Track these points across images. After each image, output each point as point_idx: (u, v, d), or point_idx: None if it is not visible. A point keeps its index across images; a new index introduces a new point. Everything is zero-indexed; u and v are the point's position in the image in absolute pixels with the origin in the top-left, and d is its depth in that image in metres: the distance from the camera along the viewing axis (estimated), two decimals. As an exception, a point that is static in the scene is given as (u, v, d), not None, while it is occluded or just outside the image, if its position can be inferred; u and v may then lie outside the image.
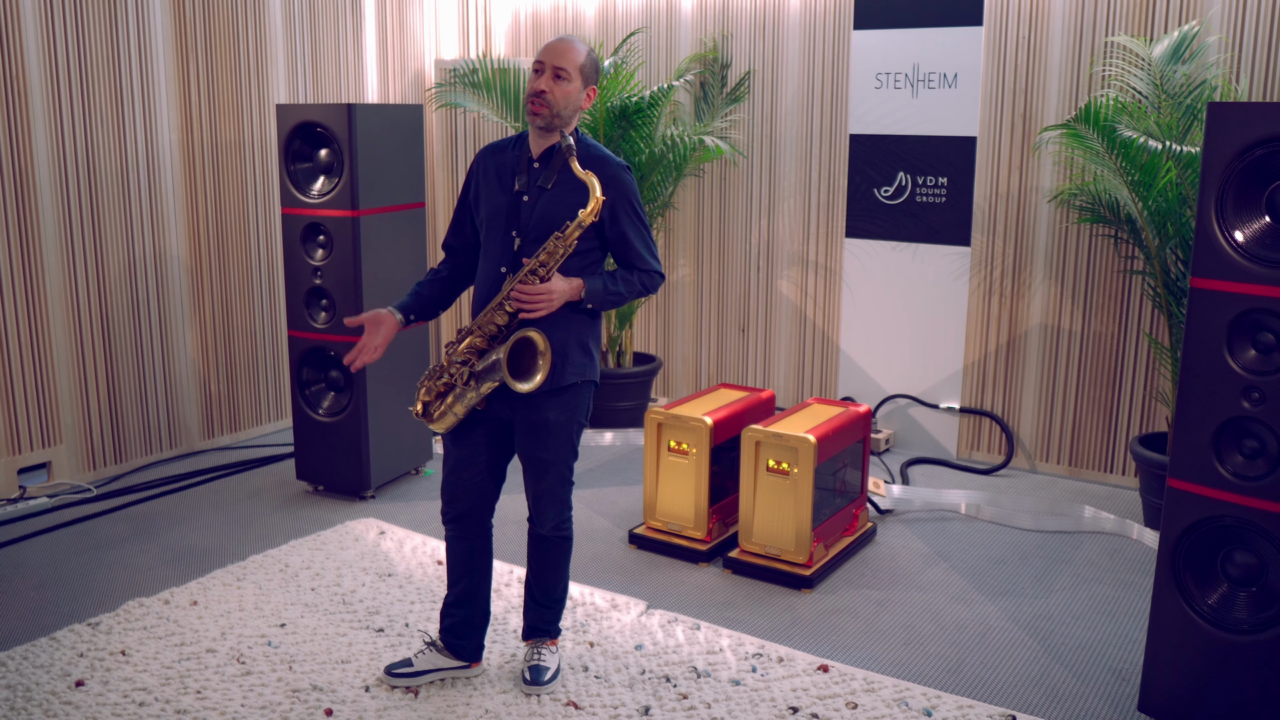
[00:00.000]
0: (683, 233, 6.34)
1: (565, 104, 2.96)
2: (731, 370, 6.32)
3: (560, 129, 3.00)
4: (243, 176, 5.64)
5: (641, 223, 3.09)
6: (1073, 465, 5.28)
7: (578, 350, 3.08)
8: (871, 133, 5.56)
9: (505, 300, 2.97)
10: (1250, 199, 2.82)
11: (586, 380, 3.13)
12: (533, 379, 2.97)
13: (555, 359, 3.02)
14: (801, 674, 3.36)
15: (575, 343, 3.08)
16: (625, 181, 3.04)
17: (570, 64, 2.95)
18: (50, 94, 4.78)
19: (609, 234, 3.06)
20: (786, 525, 4.01)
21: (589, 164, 2.99)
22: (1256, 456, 2.83)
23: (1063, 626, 3.73)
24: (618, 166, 3.04)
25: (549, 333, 2.99)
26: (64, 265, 4.89)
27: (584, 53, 3.00)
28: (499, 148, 3.15)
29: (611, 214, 3.03)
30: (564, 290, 2.96)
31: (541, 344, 2.96)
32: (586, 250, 3.05)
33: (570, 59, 2.96)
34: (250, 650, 3.51)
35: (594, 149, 3.06)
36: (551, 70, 2.95)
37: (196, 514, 4.72)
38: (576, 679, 3.33)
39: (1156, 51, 4.61)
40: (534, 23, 6.72)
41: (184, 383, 5.48)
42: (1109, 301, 5.07)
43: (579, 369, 3.09)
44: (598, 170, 2.99)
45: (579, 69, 2.97)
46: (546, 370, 2.98)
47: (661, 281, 3.17)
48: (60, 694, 3.23)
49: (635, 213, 3.07)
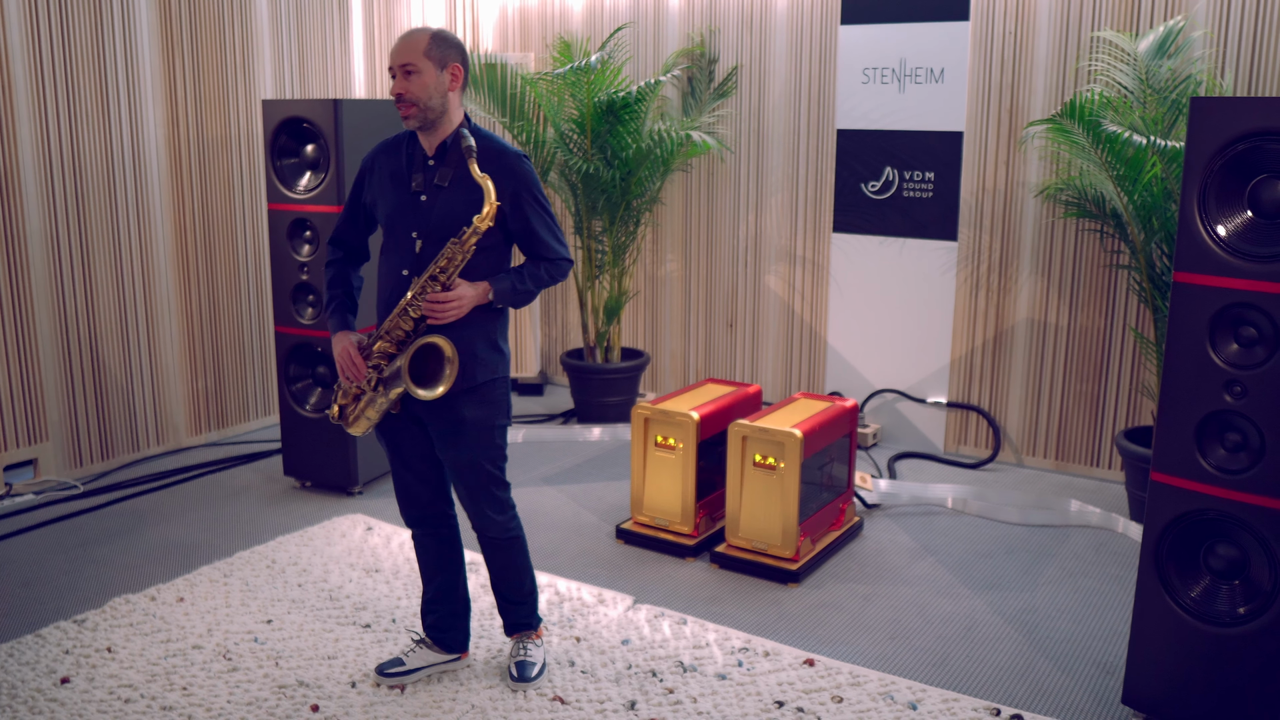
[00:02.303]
0: (670, 228, 6.34)
1: (427, 96, 2.89)
2: (719, 365, 6.32)
3: (436, 121, 2.94)
4: (229, 172, 5.62)
5: (544, 210, 3.03)
6: (1059, 459, 5.30)
7: (486, 348, 3.04)
8: (859, 128, 5.56)
9: (409, 306, 2.92)
10: (1233, 193, 2.83)
11: (499, 377, 3.09)
12: (437, 386, 2.93)
13: (464, 359, 2.97)
14: (787, 668, 3.37)
15: (483, 341, 3.03)
16: (525, 171, 2.99)
17: (413, 56, 2.88)
18: (35, 90, 4.76)
19: (513, 226, 3.01)
20: (773, 520, 4.02)
21: (486, 157, 2.95)
22: (1239, 450, 2.84)
23: (1048, 620, 3.75)
24: (515, 157, 2.99)
25: (456, 333, 2.96)
26: (49, 261, 4.88)
27: (426, 38, 2.91)
28: (392, 145, 3.09)
29: (514, 205, 2.98)
30: (472, 295, 2.93)
31: (448, 350, 2.92)
32: (491, 246, 3.00)
33: (412, 51, 2.89)
34: (237, 646, 3.51)
35: (491, 141, 3.00)
36: (400, 70, 2.90)
37: (183, 510, 4.71)
38: (563, 674, 3.34)
39: (1142, 46, 4.62)
40: (521, 17, 6.71)
41: (170, 379, 5.47)
42: (1095, 296, 5.09)
43: (489, 367, 3.05)
44: (496, 162, 2.95)
45: (424, 56, 2.89)
46: (453, 376, 2.93)
47: (570, 267, 3.12)
48: (46, 691, 3.23)
49: (537, 201, 3.01)
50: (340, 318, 3.14)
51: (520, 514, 4.61)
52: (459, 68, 2.95)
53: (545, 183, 5.97)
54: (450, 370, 2.92)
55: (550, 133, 5.82)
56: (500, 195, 2.93)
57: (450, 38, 2.96)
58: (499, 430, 3.11)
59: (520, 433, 5.77)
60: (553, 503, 4.84)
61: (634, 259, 6.15)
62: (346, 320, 3.14)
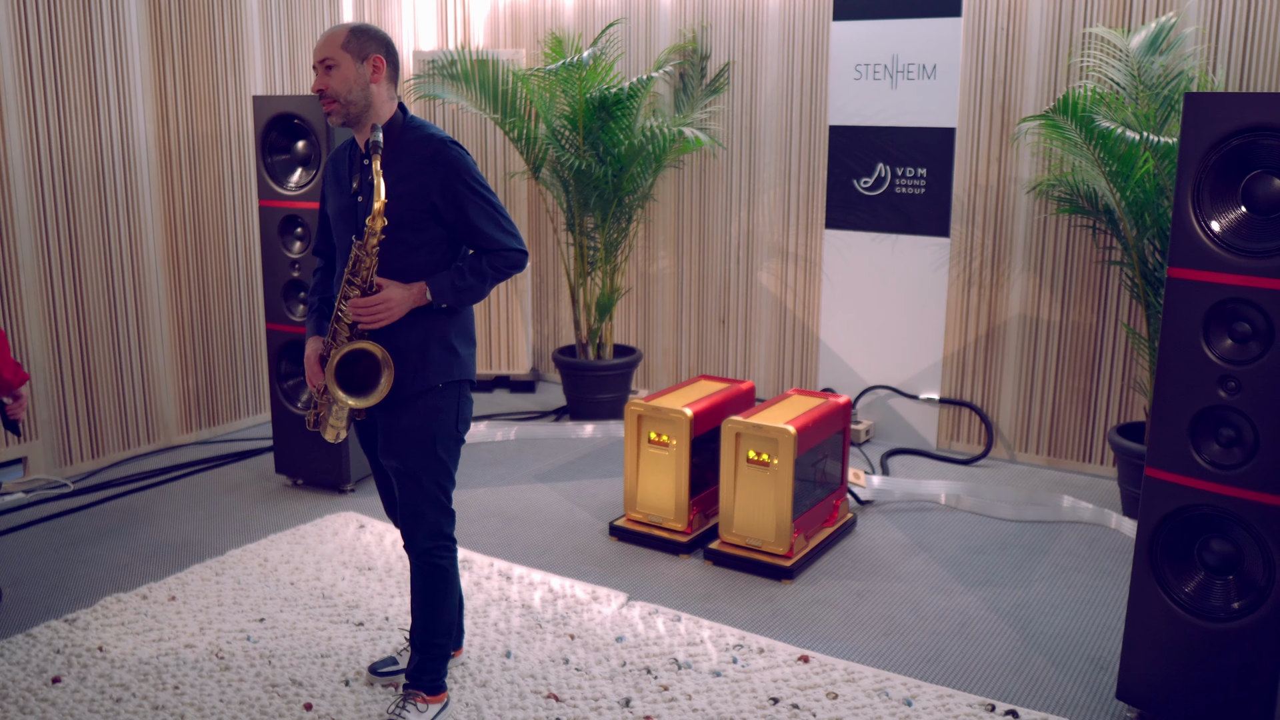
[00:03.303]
0: (662, 224, 6.33)
1: (347, 89, 2.79)
2: (712, 362, 6.31)
3: (360, 116, 2.83)
4: (219, 169, 5.60)
5: (483, 198, 2.85)
6: (1051, 455, 5.31)
7: (439, 349, 2.88)
8: (851, 124, 5.56)
9: (339, 312, 2.83)
10: (1227, 189, 2.83)
11: (454, 381, 2.92)
12: (371, 393, 2.81)
13: (414, 361, 2.85)
14: (782, 665, 3.36)
15: (436, 341, 2.88)
16: (453, 157, 2.82)
17: (331, 50, 2.79)
18: (24, 88, 4.73)
19: (448, 218, 2.84)
20: (767, 516, 4.02)
21: (412, 147, 2.84)
22: (1233, 445, 2.84)
23: (1041, 615, 3.75)
24: (442, 143, 2.84)
25: (400, 335, 2.84)
26: (39, 259, 4.85)
27: (344, 32, 2.81)
28: (341, 148, 3.01)
29: (445, 195, 2.82)
30: (403, 297, 2.79)
31: (378, 353, 2.79)
32: (426, 242, 2.86)
33: (329, 46, 2.80)
34: (229, 645, 3.49)
35: (420, 130, 2.88)
36: (320, 66, 2.81)
37: (175, 509, 4.69)
38: (557, 671, 3.33)
39: (1134, 43, 4.62)
40: (512, 13, 6.69)
41: (161, 377, 5.44)
42: (1087, 292, 5.09)
43: (442, 369, 2.89)
44: (421, 151, 2.83)
45: (342, 49, 2.79)
46: (389, 381, 2.80)
47: (523, 258, 2.92)
48: (36, 691, 3.21)
49: (472, 189, 2.83)
50: (314, 323, 3.05)
51: (514, 512, 4.64)
52: (380, 59, 2.83)
53: (537, 179, 5.95)
54: (386, 375, 2.80)
55: (542, 129, 5.80)
56: (429, 186, 2.80)
57: (372, 30, 2.86)
58: (443, 443, 2.92)
59: (513, 430, 5.76)
60: (546, 500, 4.83)
61: (626, 255, 6.14)
62: (320, 326, 3.04)
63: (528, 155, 5.88)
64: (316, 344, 2.98)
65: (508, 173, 6.48)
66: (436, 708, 3.05)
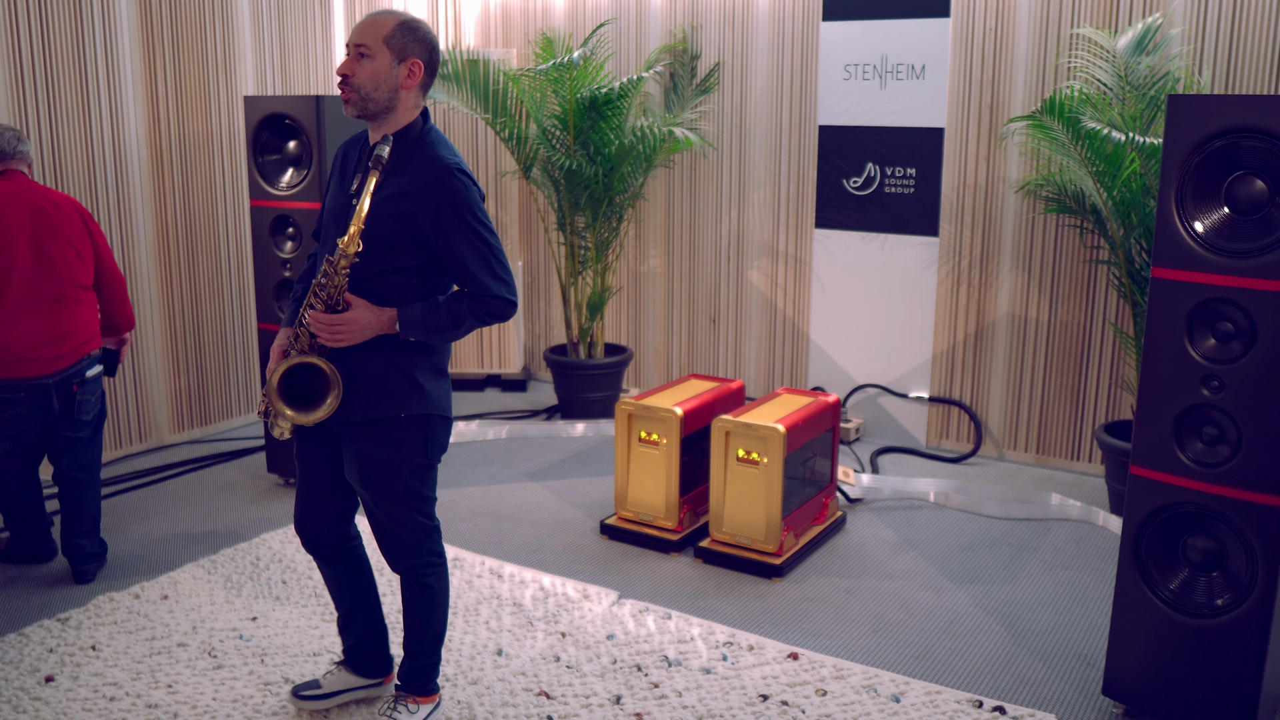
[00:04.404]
0: (653, 224, 6.35)
1: (373, 85, 2.57)
2: (702, 361, 6.34)
3: (378, 115, 2.63)
4: (210, 169, 5.60)
5: (478, 236, 2.62)
6: (1040, 453, 5.34)
7: (401, 380, 2.70)
8: (840, 124, 5.58)
9: (301, 320, 2.69)
10: (1210, 190, 2.86)
11: (417, 415, 2.73)
12: (316, 410, 2.68)
13: (370, 387, 2.69)
14: (772, 662, 3.39)
15: (398, 371, 2.69)
16: (454, 187, 2.60)
17: (373, 38, 2.56)
18: (15, 87, 4.73)
19: (437, 250, 2.63)
20: (757, 514, 4.04)
21: (414, 168, 2.63)
22: (1216, 443, 2.87)
23: (1029, 613, 3.78)
24: (445, 169, 2.61)
25: (362, 358, 2.68)
26: (30, 259, 4.85)
27: (393, 24, 2.58)
28: (354, 140, 2.82)
29: (436, 225, 2.60)
30: (370, 321, 2.62)
31: (327, 370, 2.65)
32: (402, 267, 2.66)
33: (373, 33, 2.57)
34: (222, 644, 3.51)
35: (430, 148, 2.66)
36: (354, 50, 2.57)
37: (167, 508, 4.70)
38: (549, 669, 3.35)
39: (1121, 43, 4.66)
40: (503, 13, 6.71)
41: (153, 376, 5.45)
42: (1075, 291, 5.13)
43: (401, 402, 2.70)
44: (422, 175, 2.61)
45: (384, 41, 2.56)
46: (336, 401, 2.66)
47: (509, 309, 2.69)
48: (30, 690, 3.22)
49: (468, 224, 2.61)
50: (291, 311, 2.87)
51: (506, 511, 4.66)
52: (419, 65, 2.62)
53: (528, 178, 5.97)
54: (333, 396, 2.66)
55: (533, 129, 5.82)
56: (421, 211, 2.60)
57: (422, 30, 2.64)
58: (410, 471, 2.77)
59: (505, 428, 5.77)
60: (537, 498, 4.85)
61: (617, 255, 6.16)
62: (294, 316, 2.85)
63: (519, 155, 5.90)
64: (285, 336, 2.81)
65: (499, 172, 6.49)
66: (428, 708, 3.06)
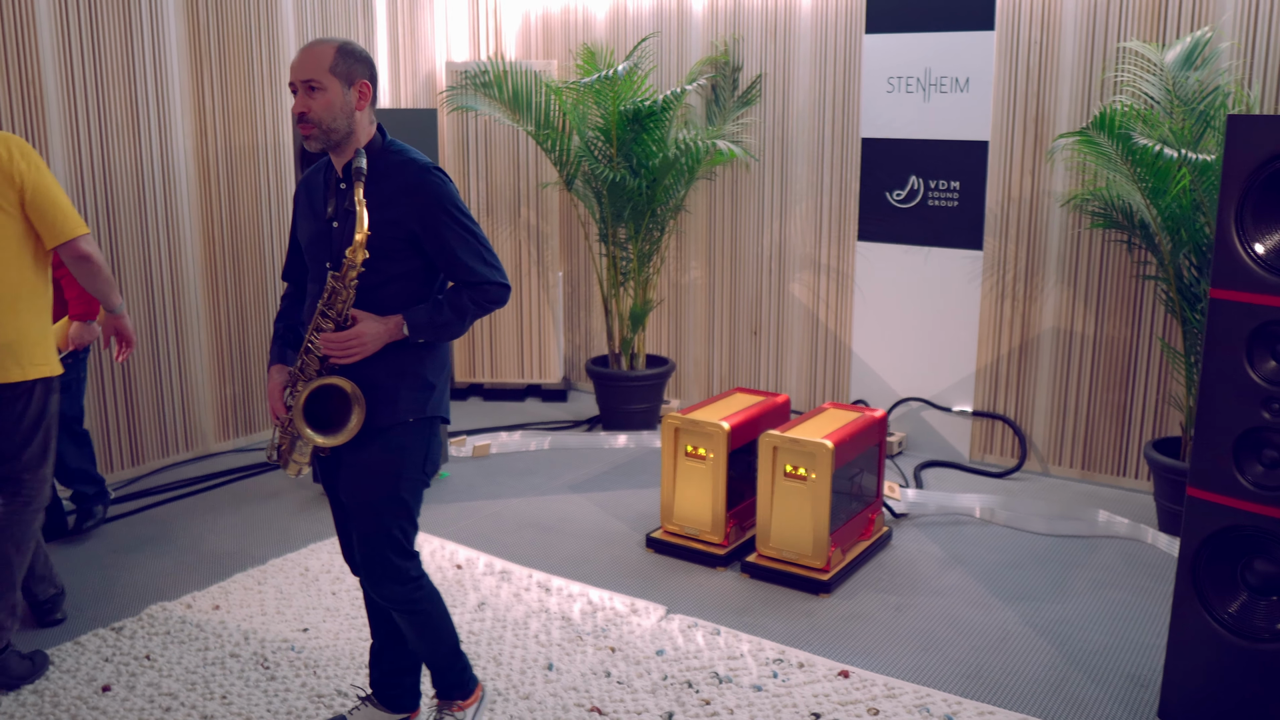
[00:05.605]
0: (695, 235, 6.36)
1: (330, 116, 2.62)
2: (743, 373, 6.34)
3: (341, 143, 2.68)
4: (256, 182, 5.66)
5: (464, 228, 2.70)
6: (1085, 469, 5.31)
7: (412, 383, 2.76)
8: (883, 136, 5.58)
9: (309, 343, 2.71)
10: (1270, 211, 2.84)
11: (425, 418, 2.78)
12: (340, 431, 2.69)
13: (384, 395, 2.72)
14: (822, 679, 3.39)
15: (408, 375, 2.75)
16: (433, 184, 2.68)
17: (318, 71, 2.60)
18: (66, 103, 4.80)
19: (428, 247, 2.70)
20: (804, 530, 4.04)
21: (391, 173, 2.69)
22: (1277, 466, 2.85)
23: (1080, 632, 3.76)
24: (422, 170, 2.69)
25: (373, 368, 2.71)
26: (82, 270, 4.91)
27: (331, 52, 2.62)
28: (314, 171, 2.84)
29: (425, 224, 2.67)
30: (378, 332, 2.66)
31: (349, 389, 2.67)
32: (405, 273, 2.72)
33: (315, 66, 2.60)
34: (274, 655, 3.54)
35: (399, 155, 2.73)
36: (303, 87, 2.62)
37: (215, 517, 4.75)
38: (599, 684, 3.36)
39: (1169, 57, 4.63)
40: (544, 24, 6.74)
41: (199, 385, 5.50)
42: (1121, 306, 5.09)
43: (413, 405, 2.76)
44: (401, 178, 2.68)
45: (329, 72, 2.61)
46: (360, 418, 2.68)
47: (504, 292, 2.77)
48: (88, 699, 3.26)
49: (453, 218, 2.69)
50: (276, 351, 2.91)
51: (550, 523, 4.68)
52: (367, 85, 2.67)
53: (570, 190, 5.99)
54: (357, 413, 2.68)
55: (575, 141, 5.84)
56: (409, 215, 2.66)
57: (357, 50, 2.68)
58: (408, 483, 2.77)
59: (547, 439, 5.79)
60: (581, 510, 4.86)
61: (658, 267, 6.17)
62: (282, 354, 2.90)
63: (561, 167, 5.92)
64: (280, 374, 2.84)
65: (540, 183, 6.52)
66: (473, 708, 3.08)
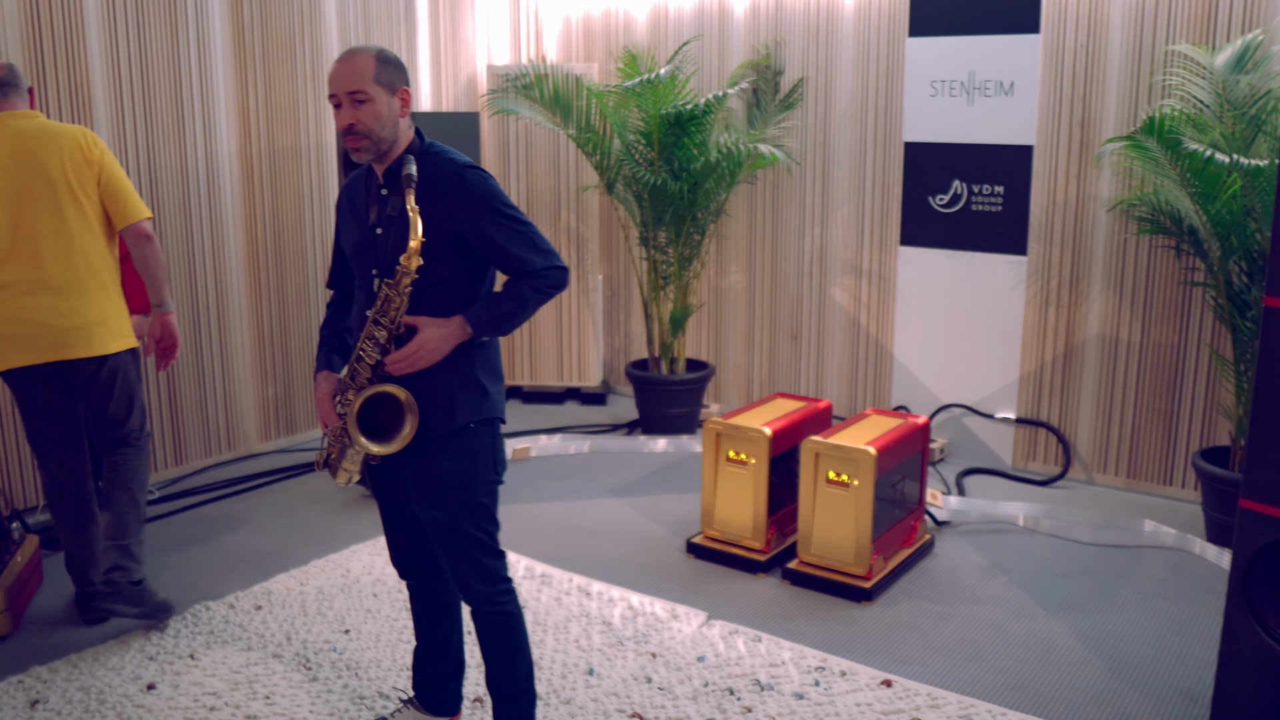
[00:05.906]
0: (735, 239, 6.34)
1: (379, 125, 2.61)
2: (784, 378, 6.31)
3: (388, 152, 2.67)
4: (299, 183, 5.69)
5: (510, 220, 2.67)
6: (1131, 477, 5.24)
7: (467, 387, 2.72)
8: (926, 140, 5.53)
9: (360, 352, 2.68)
10: (1330, 217, 2.79)
11: (485, 420, 2.75)
12: (394, 439, 2.66)
13: (439, 402, 2.69)
14: (865, 688, 3.36)
15: (462, 379, 2.71)
16: (478, 183, 2.67)
17: (363, 82, 2.59)
18: (113, 103, 4.85)
19: (479, 249, 2.68)
20: (846, 537, 4.01)
21: (436, 177, 2.66)
22: (1334, 478, 2.80)
23: (1128, 644, 3.70)
24: (463, 170, 2.67)
25: (426, 374, 2.67)
26: (128, 271, 4.97)
27: (371, 62, 2.62)
28: (356, 178, 2.83)
29: (473, 225, 2.65)
30: (443, 336, 2.63)
31: (402, 396, 2.64)
32: (449, 275, 2.69)
33: (360, 77, 2.60)
34: (316, 656, 3.55)
35: (440, 156, 2.71)
36: (348, 99, 2.60)
37: (257, 517, 4.78)
38: (640, 690, 3.35)
39: (1219, 60, 4.56)
40: (585, 27, 6.74)
41: (241, 385, 5.55)
42: (1169, 312, 5.02)
43: (471, 409, 2.72)
44: (446, 181, 2.66)
45: (373, 82, 2.60)
46: (414, 426, 2.65)
47: (562, 274, 2.73)
48: (133, 697, 3.29)
49: (498, 213, 2.66)
50: (323, 358, 2.88)
51: (590, 527, 4.67)
52: (407, 91, 2.68)
53: (611, 193, 5.99)
54: (410, 421, 2.65)
55: (616, 144, 5.84)
56: (453, 215, 2.64)
57: (393, 57, 2.67)
58: (483, 487, 2.77)
59: (586, 443, 5.79)
60: (621, 515, 4.85)
61: (698, 272, 6.15)
62: (329, 361, 2.87)
63: (602, 171, 5.92)
64: (327, 381, 2.81)
65: (580, 186, 6.52)
66: None
